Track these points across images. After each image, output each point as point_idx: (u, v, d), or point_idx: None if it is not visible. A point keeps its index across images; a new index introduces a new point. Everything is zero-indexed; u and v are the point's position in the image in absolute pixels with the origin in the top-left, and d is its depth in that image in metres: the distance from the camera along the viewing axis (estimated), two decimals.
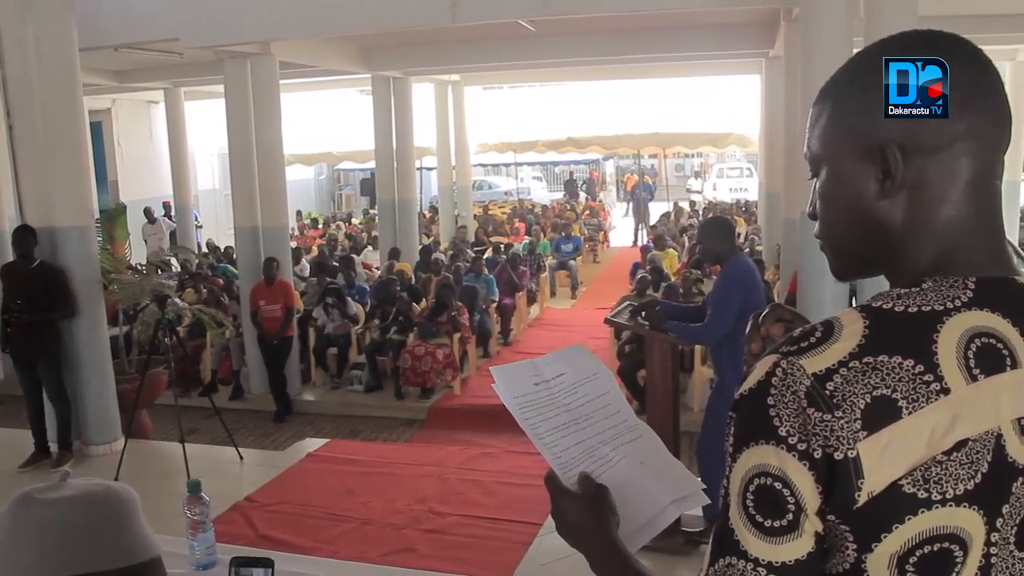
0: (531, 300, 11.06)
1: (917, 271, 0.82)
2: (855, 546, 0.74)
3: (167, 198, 14.81)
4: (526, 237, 14.30)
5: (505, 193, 24.11)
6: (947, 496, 0.73)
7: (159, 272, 7.78)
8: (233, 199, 8.39)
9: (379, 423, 7.39)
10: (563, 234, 14.46)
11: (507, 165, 24.38)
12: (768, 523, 0.75)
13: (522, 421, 1.02)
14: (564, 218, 16.95)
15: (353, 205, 24.73)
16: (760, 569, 0.75)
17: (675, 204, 18.68)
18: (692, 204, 19.36)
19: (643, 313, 4.24)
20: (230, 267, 10.96)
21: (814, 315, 0.97)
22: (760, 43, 9.40)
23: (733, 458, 0.78)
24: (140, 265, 7.69)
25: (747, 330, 1.02)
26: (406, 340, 7.93)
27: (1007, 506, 0.76)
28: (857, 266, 0.90)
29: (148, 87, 12.81)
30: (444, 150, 15.00)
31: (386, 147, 11.75)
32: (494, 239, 14.51)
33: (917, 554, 0.73)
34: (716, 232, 4.24)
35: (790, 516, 0.75)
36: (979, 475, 0.74)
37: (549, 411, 1.04)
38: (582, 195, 23.96)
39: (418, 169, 14.87)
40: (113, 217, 7.08)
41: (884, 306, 0.79)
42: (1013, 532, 0.76)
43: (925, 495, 0.73)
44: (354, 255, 11.87)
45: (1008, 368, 0.77)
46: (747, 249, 10.35)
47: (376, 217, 14.03)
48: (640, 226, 18.23)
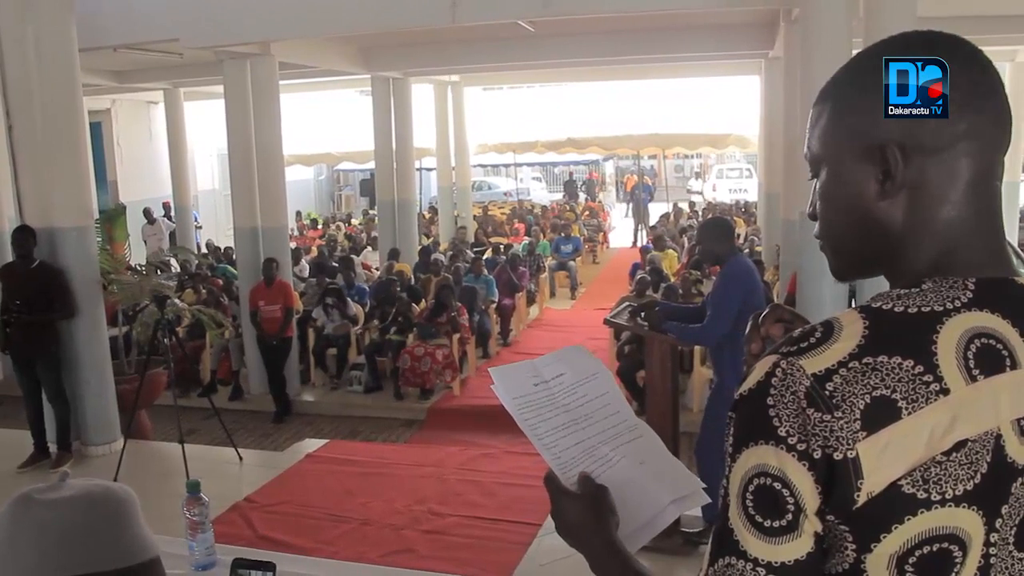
0: (530, 301, 11.06)
1: (917, 271, 0.82)
2: (854, 546, 0.75)
3: (167, 199, 14.80)
4: (525, 238, 14.30)
5: (505, 194, 24.11)
6: (946, 496, 0.73)
7: (158, 273, 7.77)
8: (232, 200, 8.39)
9: (378, 424, 7.39)
10: (563, 235, 14.45)
11: (507, 166, 24.36)
12: (767, 523, 0.75)
13: (521, 422, 1.02)
14: (564, 219, 16.94)
15: (352, 206, 24.71)
16: (760, 569, 0.75)
17: (674, 205, 18.67)
18: (692, 205, 19.35)
19: (642, 314, 4.25)
20: (229, 268, 10.96)
21: (813, 316, 0.97)
22: (759, 44, 9.41)
23: (733, 458, 0.78)
24: (139, 266, 7.69)
25: (747, 330, 1.02)
26: (405, 341, 7.93)
27: (1006, 506, 0.76)
28: (857, 266, 0.90)
29: (148, 87, 12.81)
30: (444, 151, 14.99)
31: (385, 148, 11.74)
32: (493, 240, 14.49)
33: (916, 554, 0.73)
34: (715, 233, 4.25)
35: (789, 516, 0.75)
36: (978, 475, 0.74)
37: (548, 411, 1.03)
38: (581, 196, 23.93)
39: (417, 170, 14.84)
40: (112, 217, 7.05)
41: (884, 307, 0.79)
42: (1012, 532, 0.76)
43: (924, 495, 0.73)
44: (353, 256, 11.87)
45: (1008, 369, 0.77)
46: (746, 250, 10.34)
47: (375, 218, 14.02)
48: (639, 227, 18.23)
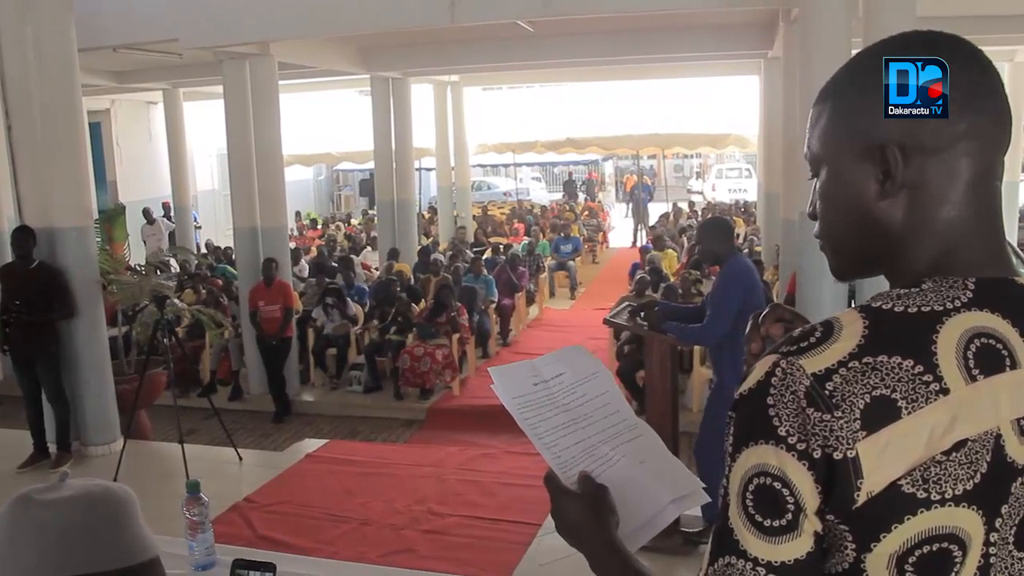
0: (530, 301, 11.06)
1: (917, 271, 0.82)
2: (854, 546, 0.74)
3: (166, 199, 14.80)
4: (525, 238, 14.29)
5: (504, 194, 24.10)
6: (946, 496, 0.73)
7: (158, 273, 7.76)
8: (232, 200, 8.38)
9: (378, 424, 7.38)
10: (562, 235, 14.45)
11: (506, 166, 24.35)
12: (767, 523, 0.75)
13: (521, 421, 1.02)
14: (563, 219, 16.93)
15: (352, 206, 24.70)
16: (759, 569, 0.75)
17: (674, 205, 18.65)
18: (691, 205, 19.34)
19: (642, 314, 4.25)
20: (229, 268, 10.96)
21: (813, 315, 0.97)
22: (759, 44, 9.41)
23: (733, 458, 0.78)
24: (139, 266, 7.68)
25: (747, 330, 1.02)
26: (405, 341, 7.93)
27: (1006, 506, 0.76)
28: (857, 266, 0.90)
29: (147, 88, 12.81)
30: (443, 151, 14.99)
31: (385, 148, 11.74)
32: (493, 240, 14.49)
33: (916, 554, 0.73)
34: (715, 233, 4.25)
35: (789, 516, 0.75)
36: (978, 475, 0.74)
37: (548, 411, 1.03)
38: (581, 196, 23.94)
39: (417, 170, 14.84)
40: (112, 218, 7.05)
41: (884, 306, 0.79)
42: (1012, 532, 0.76)
43: (924, 495, 0.73)
44: (353, 256, 11.88)
45: (1008, 368, 0.77)
46: (746, 250, 10.35)
47: (375, 218, 14.02)
48: (639, 227, 18.23)
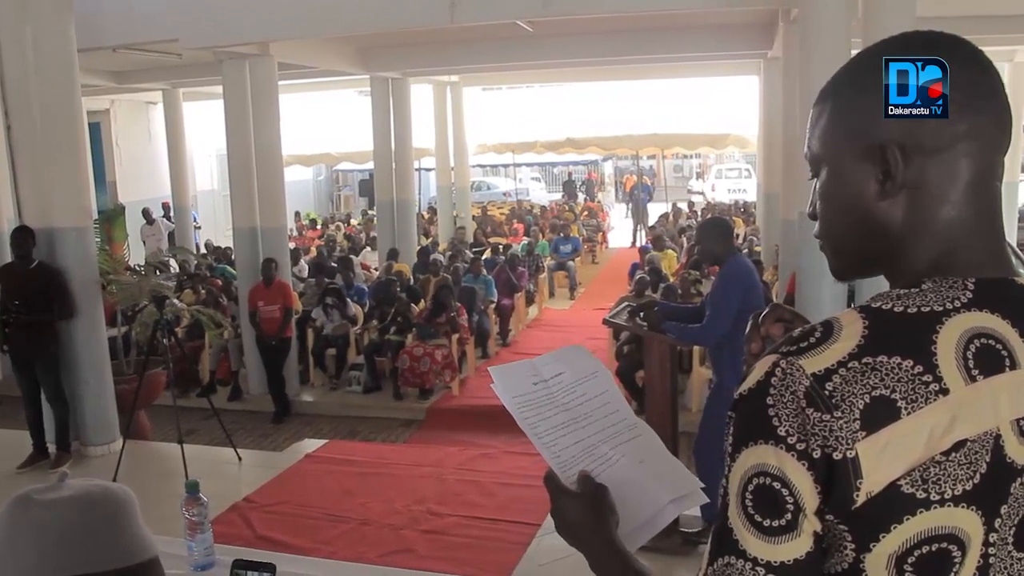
0: (529, 301, 11.06)
1: (917, 272, 0.82)
2: (853, 546, 0.74)
3: (166, 199, 14.80)
4: (524, 238, 14.28)
5: (504, 194, 24.10)
6: (945, 496, 0.73)
7: (157, 273, 7.74)
8: (232, 200, 8.39)
9: (377, 424, 7.38)
10: (562, 235, 14.45)
11: (505, 166, 24.36)
12: (767, 523, 0.75)
13: (521, 421, 1.02)
14: (563, 219, 16.94)
15: (352, 206, 24.69)
16: (759, 568, 0.75)
17: (673, 205, 18.65)
18: (691, 205, 19.35)
19: (641, 314, 4.25)
20: (228, 268, 10.95)
21: (813, 316, 0.97)
22: (758, 44, 9.41)
23: (732, 458, 0.78)
24: (138, 266, 7.66)
25: (747, 330, 1.02)
26: (405, 341, 7.93)
27: (1005, 506, 0.76)
28: (857, 266, 0.90)
29: (147, 88, 12.81)
30: (443, 151, 14.99)
31: (385, 148, 11.74)
32: (493, 240, 14.49)
33: (915, 554, 0.73)
34: (714, 233, 4.25)
35: (789, 516, 0.75)
36: (978, 475, 0.74)
37: (548, 410, 1.03)
38: (580, 196, 23.94)
39: (417, 170, 14.84)
40: (111, 218, 7.05)
41: (883, 307, 0.79)
42: (1011, 532, 0.76)
43: (924, 495, 0.73)
44: (352, 256, 11.88)
45: (1007, 369, 0.77)
46: (745, 250, 10.35)
47: (375, 218, 14.02)
48: (638, 227, 18.22)
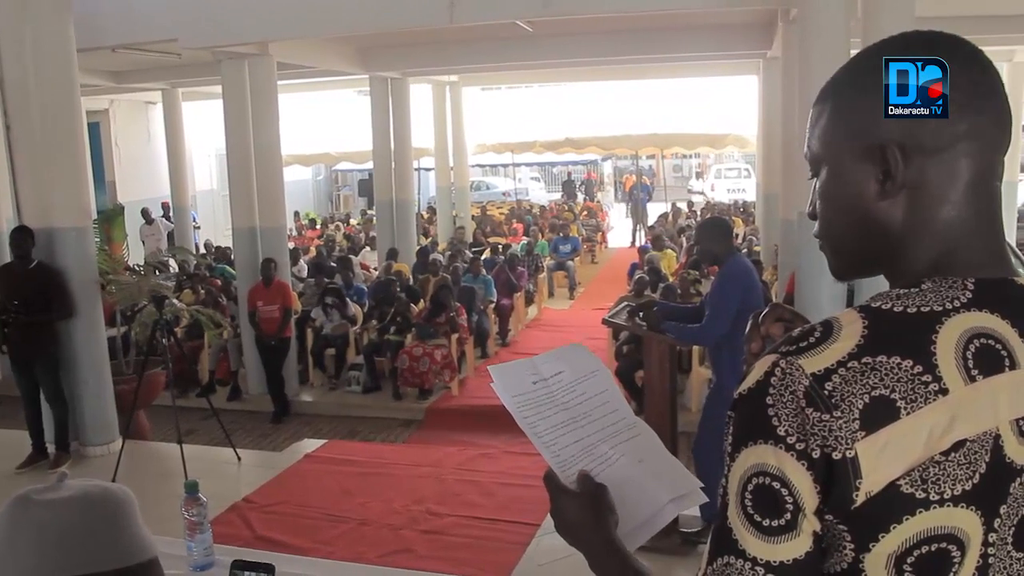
0: (529, 301, 11.06)
1: (916, 271, 0.82)
2: (853, 546, 0.75)
3: (165, 199, 14.79)
4: (524, 238, 14.29)
5: (503, 194, 24.09)
6: (945, 496, 0.73)
7: (157, 273, 7.74)
8: (231, 200, 8.38)
9: (377, 424, 7.38)
10: (561, 235, 14.45)
11: (505, 166, 24.33)
12: (766, 522, 0.75)
13: (521, 420, 1.01)
14: (562, 219, 16.94)
15: (351, 206, 24.67)
16: (758, 568, 0.75)
17: (673, 205, 18.66)
18: (690, 205, 19.35)
19: (641, 314, 4.25)
20: (228, 268, 10.95)
21: (812, 315, 0.97)
22: (758, 44, 9.41)
23: (732, 457, 0.78)
24: (138, 266, 7.65)
25: (747, 330, 1.02)
26: (404, 341, 7.93)
27: (1005, 506, 0.76)
28: (857, 266, 0.90)
29: (146, 88, 12.80)
30: (442, 151, 14.99)
31: (384, 148, 11.73)
32: (492, 240, 14.48)
33: (915, 554, 0.73)
34: (714, 233, 4.25)
35: (788, 516, 0.75)
36: (977, 476, 0.74)
37: (547, 410, 1.03)
38: (580, 196, 23.94)
39: (416, 170, 14.82)
40: (111, 218, 7.05)
41: (883, 306, 0.79)
42: (1011, 532, 0.76)
43: (923, 495, 0.73)
44: (352, 256, 11.88)
45: (1007, 369, 0.77)
46: (745, 250, 10.35)
47: (374, 218, 14.01)
48: (638, 227, 18.22)
